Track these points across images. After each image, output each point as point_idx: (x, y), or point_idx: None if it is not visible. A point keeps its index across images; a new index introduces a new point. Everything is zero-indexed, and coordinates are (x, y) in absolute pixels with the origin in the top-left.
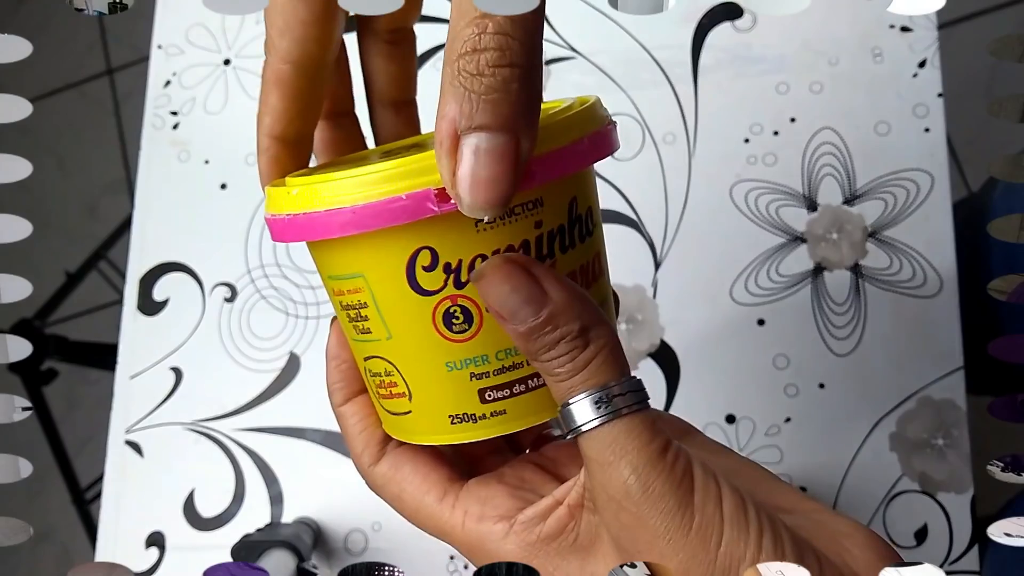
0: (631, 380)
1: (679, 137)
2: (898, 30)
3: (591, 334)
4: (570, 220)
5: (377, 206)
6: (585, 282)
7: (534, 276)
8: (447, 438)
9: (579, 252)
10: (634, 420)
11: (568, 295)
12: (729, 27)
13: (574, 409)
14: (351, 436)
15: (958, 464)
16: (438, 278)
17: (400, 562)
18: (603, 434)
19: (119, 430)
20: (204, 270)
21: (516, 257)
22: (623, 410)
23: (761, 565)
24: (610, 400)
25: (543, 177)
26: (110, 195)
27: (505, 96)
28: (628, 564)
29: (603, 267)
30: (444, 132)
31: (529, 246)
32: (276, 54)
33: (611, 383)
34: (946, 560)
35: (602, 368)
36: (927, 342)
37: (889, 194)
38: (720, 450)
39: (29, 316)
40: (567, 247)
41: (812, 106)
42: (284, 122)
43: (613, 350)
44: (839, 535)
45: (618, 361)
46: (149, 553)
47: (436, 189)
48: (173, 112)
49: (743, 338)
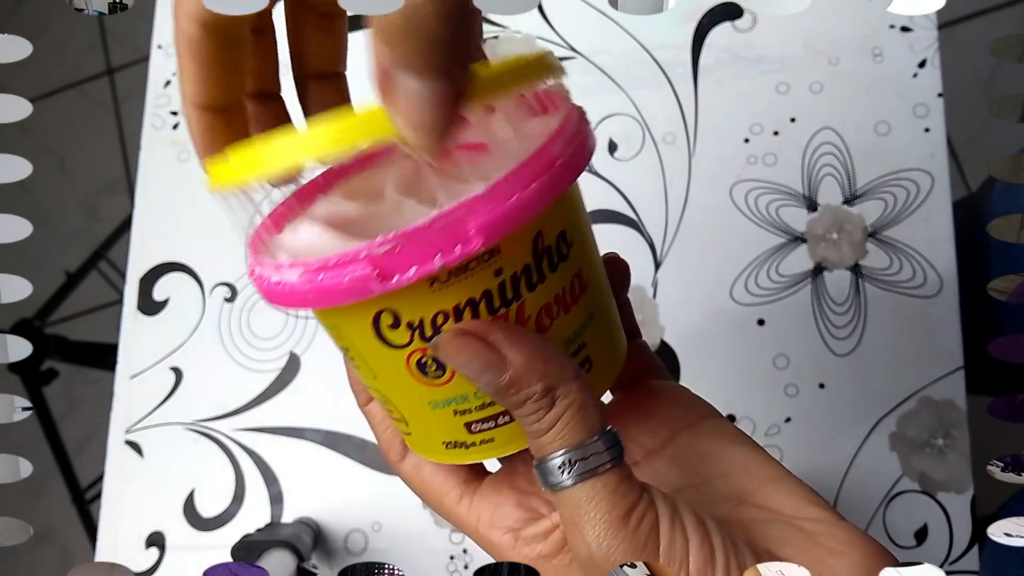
0: (603, 436)
1: (679, 137)
2: (898, 30)
3: (557, 393)
4: (536, 257)
5: (323, 289)
6: (564, 307)
7: (490, 343)
8: (443, 459)
9: (552, 282)
10: (597, 484)
11: (528, 356)
12: (729, 27)
13: (545, 467)
14: (377, 434)
15: (958, 464)
16: (403, 334)
17: (400, 562)
18: (570, 496)
19: (119, 430)
20: (204, 270)
21: (468, 327)
22: (586, 474)
23: (761, 565)
24: (574, 464)
25: (491, 237)
26: (110, 195)
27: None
28: (628, 564)
29: (587, 280)
30: (376, 77)
31: (492, 295)
32: (183, 10)
33: (578, 444)
34: (946, 560)
35: (569, 429)
36: (927, 342)
37: (889, 194)
38: (734, 440)
39: (29, 316)
40: (535, 284)
41: (812, 106)
42: (205, 88)
43: (580, 408)
44: (829, 554)
45: (585, 421)
46: (149, 553)
47: (376, 271)
48: (173, 112)
49: (743, 338)
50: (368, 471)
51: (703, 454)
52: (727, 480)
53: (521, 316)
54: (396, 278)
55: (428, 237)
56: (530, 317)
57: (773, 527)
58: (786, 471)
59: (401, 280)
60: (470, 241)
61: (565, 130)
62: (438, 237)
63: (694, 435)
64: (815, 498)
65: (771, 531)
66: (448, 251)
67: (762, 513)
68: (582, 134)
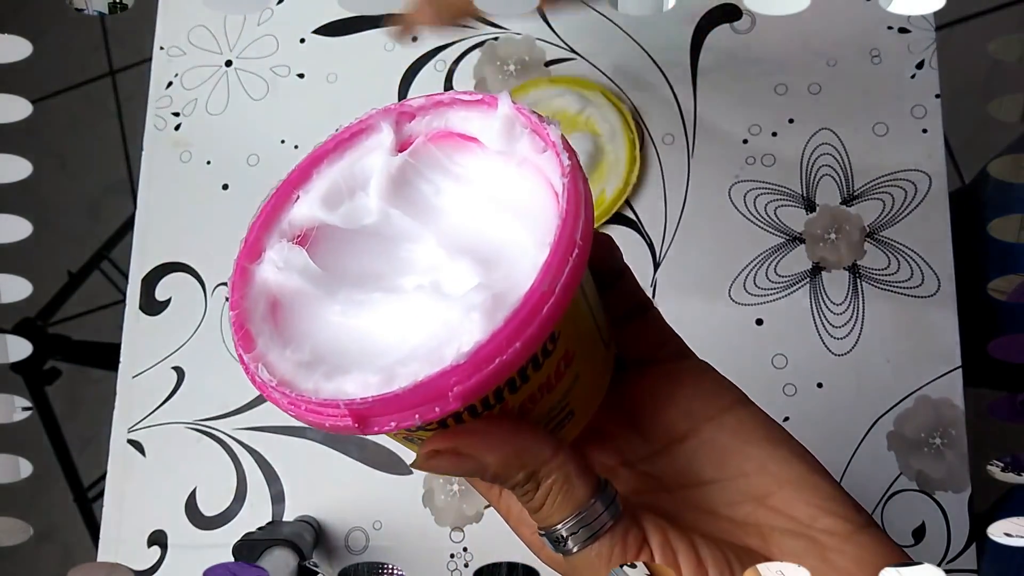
0: (599, 498)
1: (678, 138)
2: (896, 31)
3: (539, 475)
4: (520, 371)
5: (307, 419)
6: (548, 389)
7: (464, 455)
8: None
9: (536, 377)
10: (594, 549)
11: (501, 456)
12: (728, 28)
13: (550, 537)
14: None
15: (956, 463)
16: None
17: (400, 561)
18: (575, 561)
19: (121, 429)
20: (206, 270)
21: (440, 445)
22: (588, 540)
23: (761, 565)
24: (566, 539)
25: (470, 399)
26: (112, 195)
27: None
28: (628, 564)
29: (573, 353)
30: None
31: (475, 408)
32: None
33: (570, 516)
34: (944, 559)
35: (558, 506)
36: (925, 342)
37: (887, 194)
38: (756, 435)
39: (32, 316)
40: (519, 387)
41: (810, 107)
42: None
43: (564, 484)
44: (837, 574)
45: (571, 494)
46: (151, 551)
47: (356, 423)
48: (175, 113)
49: (741, 338)
50: (369, 470)
51: (725, 451)
52: (748, 480)
53: (505, 411)
54: (376, 428)
55: (407, 399)
56: (513, 408)
57: (789, 539)
58: (809, 470)
59: (380, 430)
60: (448, 404)
61: (559, 247)
62: (417, 399)
63: (716, 429)
64: (834, 504)
65: (787, 543)
66: (427, 411)
67: (780, 519)
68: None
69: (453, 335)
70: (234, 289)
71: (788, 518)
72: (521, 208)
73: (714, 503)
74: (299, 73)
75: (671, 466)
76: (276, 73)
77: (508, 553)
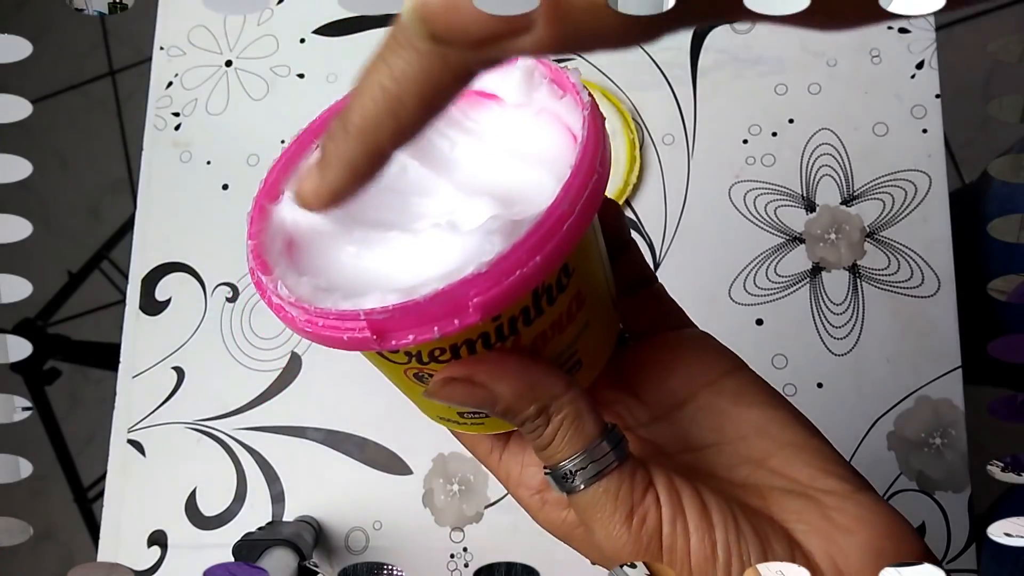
0: (606, 437)
1: (678, 138)
2: (896, 31)
3: (550, 410)
4: (535, 299)
5: (324, 336)
6: (560, 329)
7: (477, 383)
8: (441, 424)
9: (549, 313)
10: (602, 487)
11: (514, 387)
12: (728, 28)
13: (555, 475)
14: None
15: (955, 463)
16: (401, 356)
17: (400, 561)
18: (578, 500)
19: (121, 429)
20: (206, 270)
21: (455, 372)
22: (593, 478)
23: (761, 565)
24: (580, 470)
25: (489, 312)
26: (112, 195)
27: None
28: (628, 564)
29: (585, 296)
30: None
31: (488, 336)
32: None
33: (580, 451)
34: (944, 559)
35: (568, 441)
36: (925, 342)
37: (887, 195)
38: (755, 400)
39: (32, 316)
40: (532, 319)
41: (810, 107)
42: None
43: (575, 420)
44: (839, 531)
45: (582, 430)
46: (151, 551)
47: (374, 335)
48: (175, 113)
49: (742, 338)
50: (369, 470)
51: (724, 414)
52: (747, 442)
53: (517, 346)
54: (393, 342)
55: (427, 310)
56: (526, 346)
57: (789, 499)
58: (808, 434)
59: (398, 344)
60: (468, 316)
61: (580, 170)
62: (436, 310)
63: (715, 394)
64: (833, 466)
65: (787, 502)
66: (446, 324)
67: (780, 480)
68: (595, 173)
69: (471, 259)
70: (252, 222)
71: (787, 479)
72: (539, 155)
73: (713, 466)
74: (299, 73)
75: (671, 431)
76: (276, 73)
77: (508, 553)
